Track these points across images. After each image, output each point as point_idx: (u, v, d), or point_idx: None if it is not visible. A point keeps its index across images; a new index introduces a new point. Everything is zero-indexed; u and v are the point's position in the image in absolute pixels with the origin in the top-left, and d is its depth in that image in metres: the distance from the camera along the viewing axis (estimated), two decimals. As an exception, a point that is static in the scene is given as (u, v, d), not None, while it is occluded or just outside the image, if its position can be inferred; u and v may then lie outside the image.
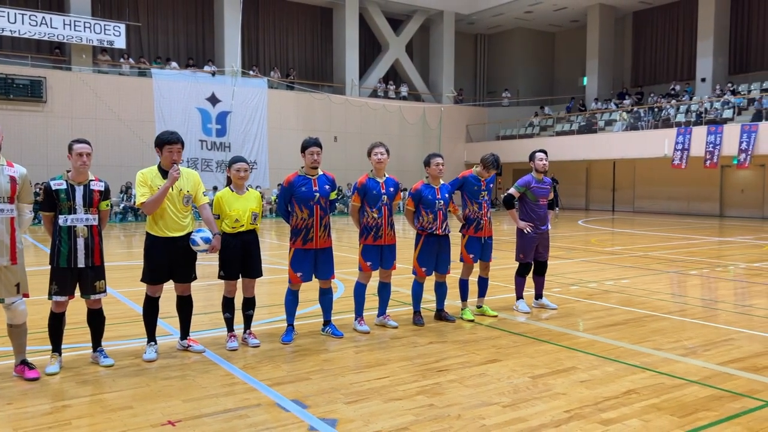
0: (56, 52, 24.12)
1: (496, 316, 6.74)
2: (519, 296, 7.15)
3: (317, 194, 5.74)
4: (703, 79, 27.02)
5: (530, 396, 4.30)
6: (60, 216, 4.73)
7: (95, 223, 4.83)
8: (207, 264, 5.34)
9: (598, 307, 7.32)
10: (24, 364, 4.64)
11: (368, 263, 6.16)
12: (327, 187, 5.85)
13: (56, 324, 4.81)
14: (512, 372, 4.83)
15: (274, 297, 7.72)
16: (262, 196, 5.89)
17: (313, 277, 5.87)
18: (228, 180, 5.66)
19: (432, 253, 6.45)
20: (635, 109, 27.31)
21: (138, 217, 22.12)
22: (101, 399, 4.22)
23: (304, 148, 5.79)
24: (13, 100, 21.83)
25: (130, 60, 25.17)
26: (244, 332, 5.67)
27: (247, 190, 5.66)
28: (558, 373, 4.81)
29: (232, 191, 5.55)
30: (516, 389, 4.44)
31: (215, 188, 23.44)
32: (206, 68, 26.02)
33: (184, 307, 5.39)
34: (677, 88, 28.12)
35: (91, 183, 4.86)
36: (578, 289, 8.49)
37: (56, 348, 4.84)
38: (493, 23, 33.66)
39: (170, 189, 5.07)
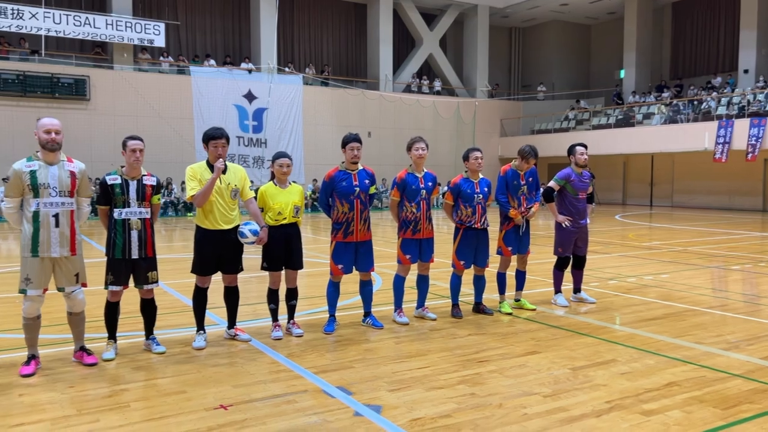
0: (97, 51, 24.76)
1: (534, 310, 6.77)
2: (557, 290, 7.17)
3: (357, 189, 5.87)
4: (746, 71, 26.33)
5: (571, 387, 4.36)
6: (115, 209, 4.96)
7: (148, 216, 5.04)
8: (246, 257, 5.55)
9: (637, 302, 7.29)
10: (83, 350, 4.88)
11: (407, 256, 6.26)
12: (366, 181, 5.97)
13: (112, 313, 5.05)
14: (552, 363, 4.89)
15: (314, 289, 7.88)
16: None
17: (354, 269, 6.01)
18: (271, 174, 5.82)
19: (471, 247, 6.52)
20: (674, 102, 26.79)
21: (178, 212, 22.64)
22: (156, 384, 4.43)
23: (345, 143, 5.92)
24: (59, 98, 22.52)
25: (170, 58, 25.70)
26: (288, 322, 5.83)
27: (290, 184, 5.81)
28: (598, 365, 4.85)
29: (276, 185, 5.71)
30: (556, 380, 4.50)
31: (251, 183, 23.82)
32: (243, 65, 26.41)
33: (232, 297, 5.58)
34: (719, 80, 27.47)
35: (144, 178, 5.07)
36: (617, 284, 8.45)
37: (112, 335, 5.08)
38: (528, 16, 33.33)
39: (218, 183, 5.25)
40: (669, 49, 31.15)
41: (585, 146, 7.17)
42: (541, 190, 7.00)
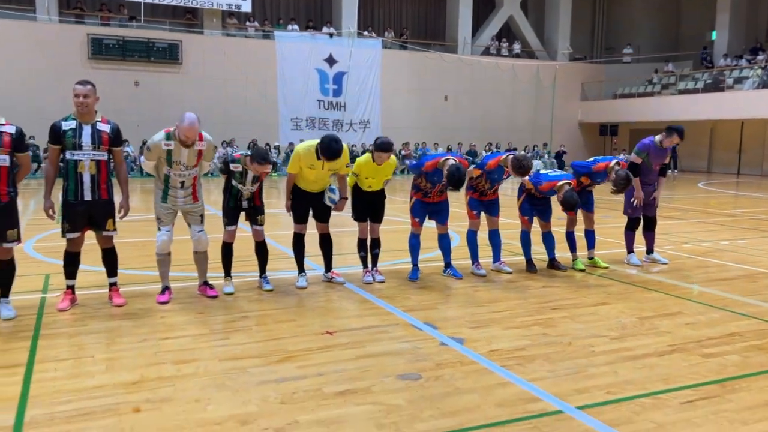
0: (189, 17, 25.97)
1: (607, 268, 7.13)
2: (629, 250, 7.48)
3: (444, 180, 6.36)
4: None
5: (637, 332, 4.79)
6: (233, 181, 5.74)
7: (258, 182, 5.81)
8: (341, 215, 6.29)
9: (710, 264, 7.51)
10: (206, 284, 5.72)
11: (474, 212, 6.88)
12: None
13: (228, 252, 5.86)
14: (621, 313, 5.31)
15: (396, 243, 8.48)
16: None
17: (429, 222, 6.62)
18: (371, 151, 6.30)
19: (533, 204, 7.02)
20: (770, 65, 25.46)
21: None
22: (269, 313, 5.19)
23: (452, 182, 5.94)
24: (154, 62, 23.90)
25: (255, 23, 26.63)
26: (372, 269, 6.47)
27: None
28: (664, 316, 5.23)
29: (373, 162, 6.21)
30: (624, 326, 4.93)
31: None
32: (324, 30, 27.03)
33: (326, 244, 6.27)
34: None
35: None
36: (691, 247, 8.62)
37: (228, 273, 5.89)
38: (615, -25, 32.14)
39: (321, 168, 5.82)
40: (766, 8, 29.36)
41: (682, 137, 7.17)
42: (623, 158, 7.27)
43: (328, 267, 6.34)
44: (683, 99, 26.77)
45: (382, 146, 6.10)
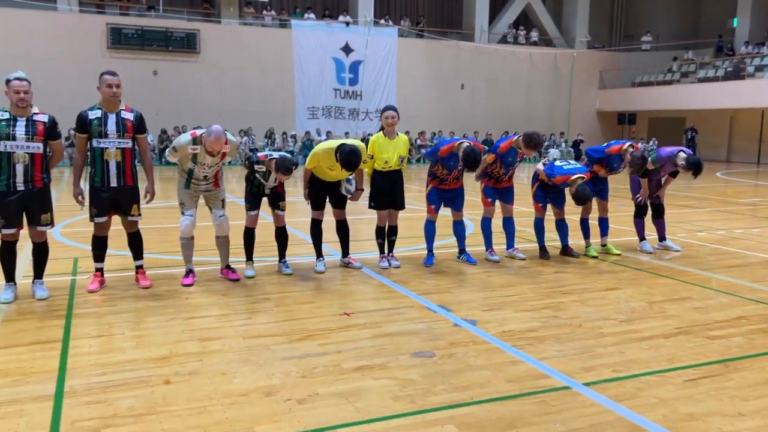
0: (206, 6, 26.17)
1: (619, 255, 7.24)
2: (641, 237, 7.58)
3: (460, 166, 6.49)
4: None
5: (645, 315, 4.92)
6: (257, 174, 5.94)
7: None
8: (357, 203, 6.53)
9: (723, 251, 7.59)
10: (228, 268, 5.93)
11: (489, 199, 7.02)
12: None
13: (250, 237, 6.07)
14: (630, 297, 5.44)
15: (411, 230, 8.66)
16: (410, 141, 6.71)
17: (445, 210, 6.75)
18: (381, 126, 6.52)
19: (546, 192, 7.13)
20: (792, 52, 25.12)
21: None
22: (290, 295, 5.39)
23: (468, 162, 6.16)
24: (172, 51, 24.11)
25: (272, 12, 26.78)
26: (388, 254, 6.64)
27: (398, 135, 6.50)
28: (673, 300, 5.36)
29: (385, 136, 6.41)
30: (632, 310, 5.07)
31: (347, 134, 24.77)
32: (341, 18, 27.11)
33: (343, 230, 6.45)
34: None
35: None
36: (705, 235, 8.69)
37: (249, 257, 6.10)
38: (634, -38, 31.76)
39: (341, 169, 5.92)
40: (790, -6, 28.92)
41: (696, 176, 7.19)
42: (641, 146, 7.35)
43: (345, 252, 6.52)
44: (703, 87, 26.52)
45: (386, 107, 6.42)
